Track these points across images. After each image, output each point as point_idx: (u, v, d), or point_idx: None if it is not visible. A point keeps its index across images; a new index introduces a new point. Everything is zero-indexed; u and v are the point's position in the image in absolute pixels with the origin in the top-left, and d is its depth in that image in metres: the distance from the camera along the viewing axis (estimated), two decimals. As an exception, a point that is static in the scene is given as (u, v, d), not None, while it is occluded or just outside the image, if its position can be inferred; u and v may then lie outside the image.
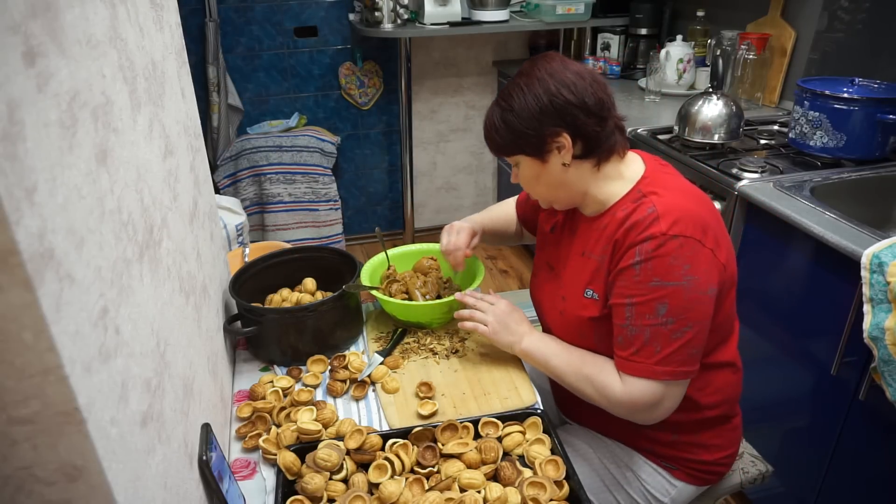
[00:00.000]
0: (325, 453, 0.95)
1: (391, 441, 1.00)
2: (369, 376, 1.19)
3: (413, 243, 1.51)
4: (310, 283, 1.35)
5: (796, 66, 2.18)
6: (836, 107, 1.66)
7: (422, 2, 2.69)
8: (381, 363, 1.21)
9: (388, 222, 3.58)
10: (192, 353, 0.88)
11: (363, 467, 0.98)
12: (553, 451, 1.00)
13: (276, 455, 0.99)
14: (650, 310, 0.97)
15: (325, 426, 1.05)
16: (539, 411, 1.08)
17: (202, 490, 0.84)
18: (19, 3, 0.46)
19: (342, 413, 1.12)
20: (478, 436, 1.04)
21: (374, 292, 1.32)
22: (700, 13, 2.50)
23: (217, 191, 2.92)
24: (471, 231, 1.33)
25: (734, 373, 1.15)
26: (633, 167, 1.08)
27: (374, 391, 1.18)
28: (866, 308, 1.23)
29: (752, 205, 1.59)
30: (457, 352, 1.26)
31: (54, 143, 0.50)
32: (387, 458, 0.97)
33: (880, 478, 1.36)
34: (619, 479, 1.19)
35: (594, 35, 2.99)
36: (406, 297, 1.34)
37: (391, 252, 1.46)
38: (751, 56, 2.22)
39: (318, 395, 1.17)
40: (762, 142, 1.95)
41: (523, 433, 1.04)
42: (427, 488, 0.94)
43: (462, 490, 0.92)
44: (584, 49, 3.07)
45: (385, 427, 1.09)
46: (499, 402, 1.13)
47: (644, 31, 2.78)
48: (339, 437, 1.02)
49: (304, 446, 1.00)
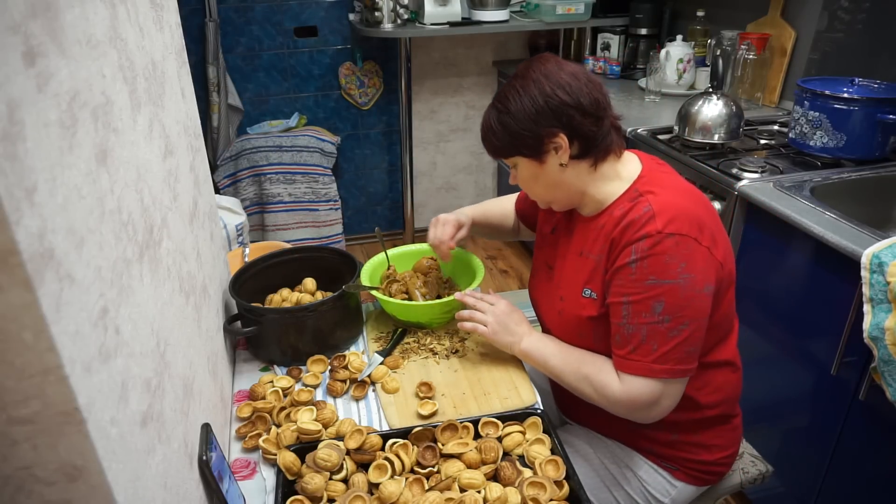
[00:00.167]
0: (325, 453, 0.95)
1: (391, 441, 1.00)
2: (369, 376, 1.19)
3: (413, 243, 1.51)
4: (310, 283, 1.35)
5: (796, 66, 2.18)
6: (836, 107, 1.66)
7: (422, 2, 2.69)
8: (381, 363, 1.21)
9: (388, 222, 3.58)
10: (192, 353, 0.88)
11: (363, 467, 0.98)
12: (553, 451, 1.00)
13: (276, 455, 0.99)
14: (647, 308, 0.97)
15: (325, 426, 1.05)
16: (539, 411, 1.08)
17: (202, 490, 0.84)
18: (19, 3, 0.46)
19: (342, 413, 1.12)
20: (478, 436, 1.04)
21: (374, 292, 1.32)
22: (700, 13, 2.50)
23: (217, 191, 2.92)
24: (456, 223, 1.34)
25: (734, 372, 1.15)
26: (629, 166, 1.08)
27: (374, 391, 1.18)
28: (866, 308, 1.23)
29: (752, 205, 1.59)
30: (457, 352, 1.26)
31: (54, 143, 0.50)
32: (387, 458, 0.97)
33: (880, 478, 1.36)
34: (618, 478, 1.19)
35: (594, 35, 2.99)
36: (406, 297, 1.34)
37: (391, 252, 1.46)
38: (751, 56, 2.21)
39: (318, 395, 1.17)
40: (762, 142, 1.95)
41: (523, 433, 1.04)
42: (427, 488, 0.94)
43: (462, 490, 0.92)
44: (584, 49, 3.07)
45: (385, 427, 1.09)
46: (499, 402, 1.13)
47: (644, 31, 2.78)
48: (339, 437, 1.02)
49: (304, 446, 1.00)
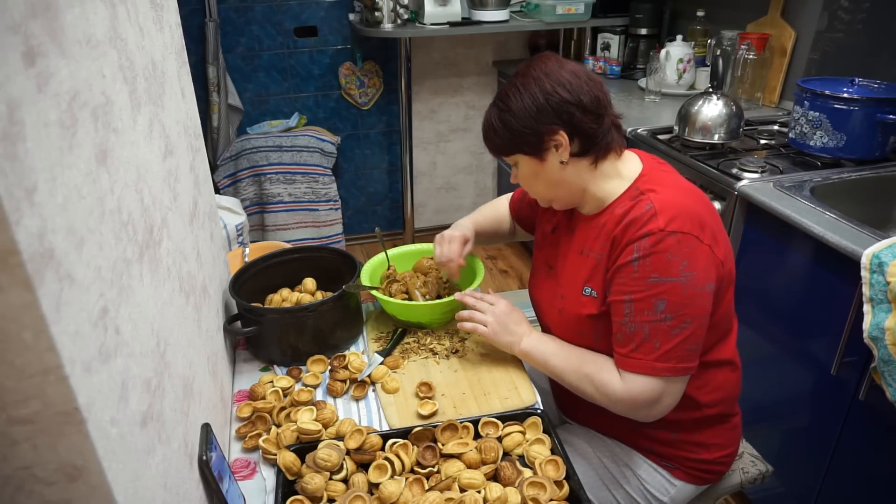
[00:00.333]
0: (325, 453, 0.95)
1: (391, 441, 1.00)
2: (369, 376, 1.19)
3: (413, 243, 1.51)
4: (310, 283, 1.35)
5: (796, 66, 2.18)
6: (836, 107, 1.66)
7: (422, 2, 2.69)
8: (381, 363, 1.21)
9: (388, 222, 3.58)
10: (192, 353, 0.88)
11: (363, 467, 0.98)
12: (553, 451, 1.00)
13: (276, 455, 0.99)
14: (649, 306, 0.97)
15: (325, 426, 1.05)
16: (539, 411, 1.08)
17: (202, 490, 0.84)
18: (19, 3, 0.46)
19: (342, 413, 1.12)
20: (478, 436, 1.04)
21: (374, 292, 1.32)
22: (700, 13, 2.50)
23: (217, 191, 2.92)
24: (462, 239, 1.32)
25: (733, 371, 1.15)
26: (630, 165, 1.08)
27: (374, 391, 1.18)
28: (866, 308, 1.23)
29: (752, 205, 1.59)
30: (457, 352, 1.26)
31: (54, 143, 0.50)
32: (387, 458, 0.97)
33: (880, 478, 1.36)
34: (618, 478, 1.19)
35: (594, 35, 2.99)
36: (406, 297, 1.34)
37: (391, 252, 1.46)
38: (751, 56, 2.21)
39: (318, 395, 1.17)
40: (762, 142, 1.95)
41: (523, 433, 1.04)
42: (427, 488, 0.94)
43: (462, 490, 0.92)
44: (584, 49, 3.07)
45: (385, 427, 1.09)
46: (499, 402, 1.13)
47: (644, 31, 2.78)
48: (339, 437, 1.02)
49: (304, 446, 1.00)
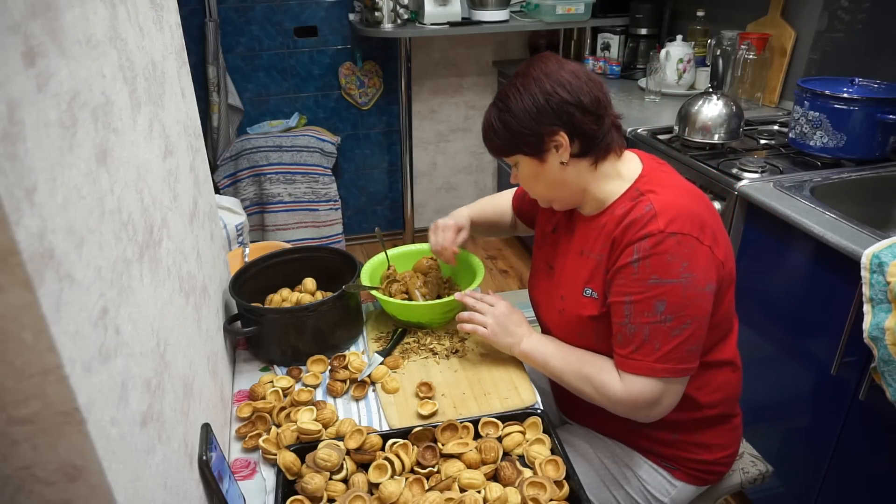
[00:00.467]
0: (325, 453, 0.95)
1: (391, 441, 1.00)
2: (369, 376, 1.19)
3: (413, 243, 1.51)
4: (310, 283, 1.35)
5: (796, 66, 2.18)
6: (836, 107, 1.66)
7: (422, 2, 2.69)
8: (381, 363, 1.21)
9: (388, 222, 3.58)
10: (192, 353, 0.88)
11: (363, 467, 0.98)
12: (553, 451, 1.00)
13: (276, 455, 0.99)
14: (649, 307, 0.97)
15: (325, 426, 1.05)
16: (539, 411, 1.08)
17: (202, 490, 0.84)
18: (19, 3, 0.46)
19: (342, 413, 1.12)
20: (478, 436, 1.04)
21: (374, 292, 1.32)
22: (700, 13, 2.50)
23: (217, 191, 2.92)
24: (455, 227, 1.34)
25: (733, 371, 1.15)
26: (630, 166, 1.08)
27: (374, 391, 1.18)
28: (866, 308, 1.23)
29: (752, 205, 1.59)
30: (457, 352, 1.26)
31: (54, 143, 0.50)
32: (387, 458, 0.97)
33: (880, 478, 1.36)
34: (618, 478, 1.19)
35: (594, 35, 2.99)
36: (406, 297, 1.34)
37: (391, 252, 1.46)
38: (751, 56, 2.21)
39: (318, 395, 1.17)
40: (762, 142, 1.95)
41: (523, 433, 1.04)
42: (427, 488, 0.94)
43: (462, 490, 0.92)
44: (584, 49, 3.07)
45: (385, 427, 1.09)
46: (499, 402, 1.13)
47: (644, 31, 2.78)
48: (339, 437, 1.02)
49: (304, 446, 1.00)
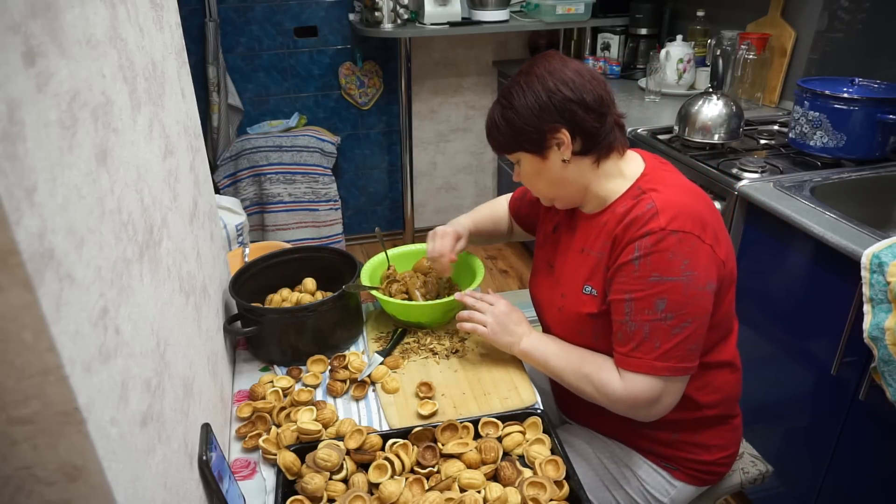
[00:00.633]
0: (325, 453, 0.95)
1: (391, 441, 1.00)
2: (369, 376, 1.19)
3: (413, 243, 1.51)
4: (310, 283, 1.35)
5: (796, 66, 2.18)
6: (836, 107, 1.66)
7: (422, 2, 2.69)
8: (381, 363, 1.21)
9: (388, 222, 3.58)
10: (192, 353, 0.88)
11: (363, 467, 0.98)
12: (553, 451, 1.00)
13: (276, 455, 0.99)
14: (649, 305, 0.97)
15: (325, 426, 1.05)
16: (539, 411, 1.08)
17: (202, 490, 0.84)
18: (19, 3, 0.46)
19: (342, 413, 1.12)
20: (478, 436, 1.04)
21: (374, 292, 1.32)
22: (700, 13, 2.50)
23: (217, 191, 2.92)
24: (454, 235, 1.33)
25: (733, 372, 1.15)
26: (632, 165, 1.08)
27: (374, 391, 1.18)
28: (866, 308, 1.23)
29: (752, 205, 1.59)
30: (457, 352, 1.26)
31: (54, 143, 0.50)
32: (387, 458, 0.97)
33: (880, 478, 1.36)
34: (618, 478, 1.19)
35: (594, 35, 2.99)
36: (406, 297, 1.34)
37: (391, 252, 1.46)
38: (751, 56, 2.21)
39: (318, 395, 1.17)
40: (762, 142, 1.95)
41: (523, 433, 1.04)
42: (427, 488, 0.94)
43: (462, 490, 0.92)
44: (584, 49, 3.07)
45: (385, 427, 1.09)
46: (499, 402, 1.13)
47: (644, 31, 2.78)
48: (339, 437, 1.02)
49: (304, 446, 1.00)
